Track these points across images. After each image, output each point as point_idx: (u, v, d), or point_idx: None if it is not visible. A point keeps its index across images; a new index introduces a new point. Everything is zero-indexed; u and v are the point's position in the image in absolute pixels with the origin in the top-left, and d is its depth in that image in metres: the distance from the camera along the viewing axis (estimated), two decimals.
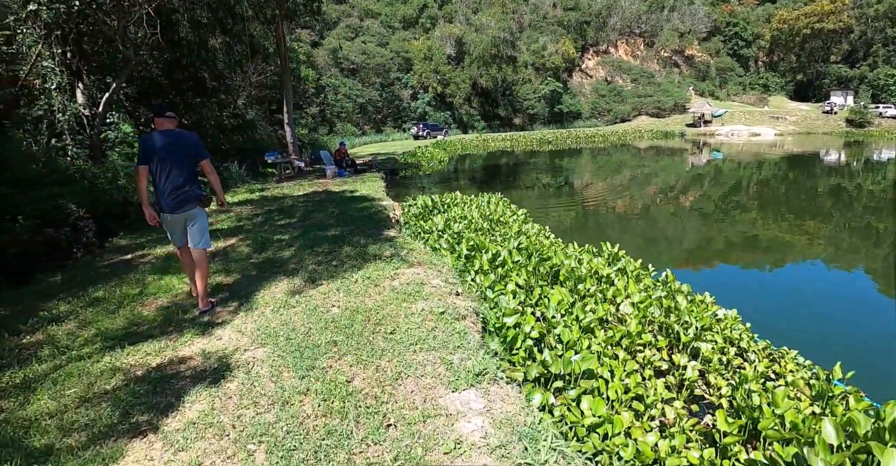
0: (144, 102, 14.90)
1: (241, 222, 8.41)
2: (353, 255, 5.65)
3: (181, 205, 4.21)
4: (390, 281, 4.69)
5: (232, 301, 4.60)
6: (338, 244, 6.20)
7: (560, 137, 41.18)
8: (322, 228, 7.34)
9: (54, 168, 9.24)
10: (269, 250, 6.30)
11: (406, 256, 5.54)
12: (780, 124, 54.02)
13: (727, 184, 19.05)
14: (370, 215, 8.03)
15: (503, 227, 8.23)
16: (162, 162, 4.11)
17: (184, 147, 4.23)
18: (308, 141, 24.98)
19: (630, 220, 12.78)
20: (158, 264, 6.26)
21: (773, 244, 10.69)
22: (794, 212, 13.59)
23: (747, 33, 72.94)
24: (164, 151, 4.10)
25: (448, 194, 10.67)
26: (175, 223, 4.32)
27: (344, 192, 11.14)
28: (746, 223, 12.42)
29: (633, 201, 15.32)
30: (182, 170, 4.19)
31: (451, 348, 3.43)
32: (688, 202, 15.33)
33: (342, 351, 3.41)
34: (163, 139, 4.13)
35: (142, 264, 6.46)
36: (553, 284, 5.79)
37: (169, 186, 4.15)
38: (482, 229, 8.01)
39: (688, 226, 12.28)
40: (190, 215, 4.31)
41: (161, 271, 5.83)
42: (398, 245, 6.01)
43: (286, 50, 17.19)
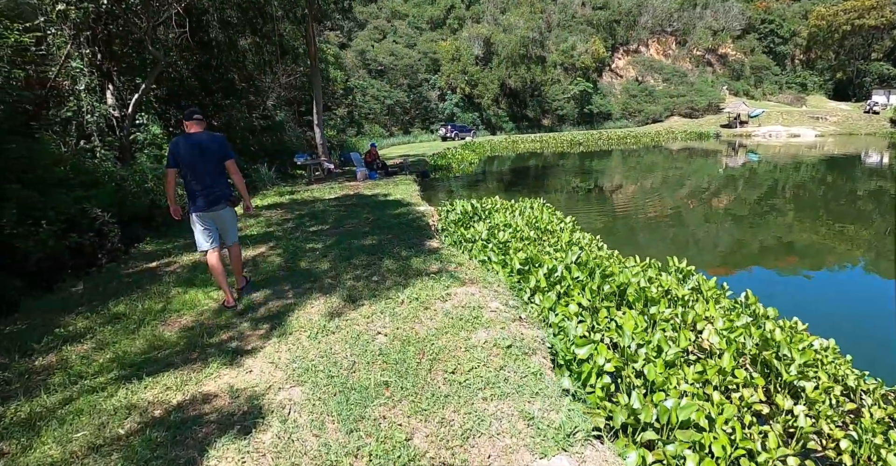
0: (174, 104, 14.69)
1: (271, 228, 7.95)
2: (394, 269, 5.07)
3: (211, 204, 4.33)
4: (442, 303, 4.09)
5: (262, 323, 4.07)
6: (376, 256, 5.64)
7: (591, 138, 40.09)
8: (357, 236, 6.81)
9: (81, 170, 8.95)
10: (301, 260, 5.78)
11: (455, 272, 4.94)
12: (821, 125, 51.75)
13: (765, 187, 17.86)
14: (408, 222, 7.46)
15: (552, 236, 7.57)
16: (191, 164, 4.21)
17: (212, 149, 4.31)
18: (337, 142, 24.67)
19: (668, 226, 11.92)
20: (184, 274, 5.81)
21: (825, 251, 9.75)
22: (850, 218, 12.48)
23: (784, 30, 70.28)
24: (194, 153, 4.20)
25: (487, 198, 10.05)
26: (205, 222, 4.39)
27: (376, 196, 10.62)
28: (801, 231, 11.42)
29: (666, 205, 14.42)
30: (211, 171, 4.30)
31: (528, 394, 2.81)
32: (723, 206, 14.29)
33: (396, 396, 2.82)
34: (191, 142, 4.23)
35: (167, 273, 6.02)
36: (619, 305, 5.12)
37: (199, 186, 4.26)
38: (529, 238, 7.37)
39: (729, 232, 11.33)
40: (219, 215, 4.43)
41: (186, 284, 5.36)
42: (444, 258, 5.42)
43: (316, 50, 16.84)
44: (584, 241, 7.35)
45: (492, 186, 18.41)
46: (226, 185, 4.47)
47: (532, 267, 5.56)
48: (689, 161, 27.61)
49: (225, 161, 4.40)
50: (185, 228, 9.07)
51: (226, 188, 4.45)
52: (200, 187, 4.26)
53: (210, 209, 4.34)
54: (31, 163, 7.50)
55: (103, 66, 12.07)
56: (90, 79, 10.63)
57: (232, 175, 4.52)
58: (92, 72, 11.58)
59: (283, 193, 12.69)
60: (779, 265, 9.12)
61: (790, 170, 22.48)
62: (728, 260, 9.42)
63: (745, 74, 68.50)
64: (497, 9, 58.28)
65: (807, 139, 44.28)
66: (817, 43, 68.05)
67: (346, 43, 47.98)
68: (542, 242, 7.31)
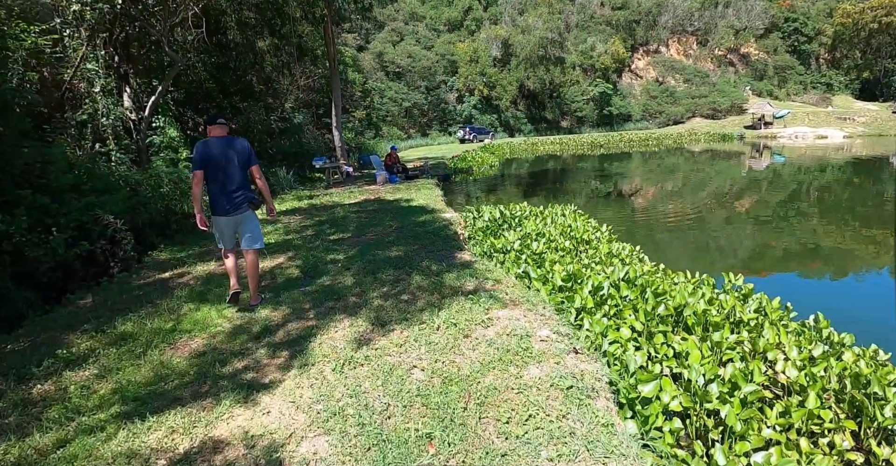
0: (192, 106, 14.47)
1: (290, 236, 7.56)
2: (425, 286, 4.61)
3: (235, 208, 4.34)
4: (483, 329, 3.61)
5: (281, 349, 3.63)
6: (404, 270, 5.19)
7: (612, 140, 39.29)
8: (381, 246, 6.36)
9: (94, 175, 8.67)
10: (322, 274, 5.34)
11: (493, 290, 4.46)
12: (848, 126, 50.16)
13: (802, 191, 17.04)
14: (434, 230, 6.99)
15: (588, 247, 7.05)
16: (216, 168, 4.23)
17: (237, 153, 4.33)
18: (355, 145, 24.38)
19: (699, 231, 11.28)
20: (197, 287, 5.42)
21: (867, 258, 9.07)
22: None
23: (808, 28, 68.49)
24: (219, 157, 4.23)
25: (514, 204, 9.55)
26: (227, 226, 4.41)
27: (399, 201, 10.19)
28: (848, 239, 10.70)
29: (693, 209, 13.75)
30: (235, 175, 4.31)
31: (601, 452, 2.32)
32: (752, 211, 13.55)
33: (442, 454, 2.35)
34: (217, 146, 4.26)
35: (179, 285, 5.64)
36: (675, 328, 4.59)
37: (223, 190, 4.28)
38: (565, 249, 6.85)
39: (759, 238, 10.64)
40: (242, 218, 4.44)
41: (199, 299, 4.96)
42: (478, 273, 4.94)
43: (335, 51, 16.51)
44: (625, 253, 6.81)
45: (515, 190, 17.91)
46: (249, 189, 4.50)
47: (575, 284, 5.05)
48: (712, 164, 26.81)
49: (250, 166, 4.44)
50: (200, 235, 8.73)
51: (249, 192, 4.48)
52: (225, 192, 4.28)
53: (233, 213, 4.35)
54: (43, 168, 7.21)
55: (120, 68, 11.86)
56: (106, 81, 10.39)
57: (257, 181, 4.55)
58: (108, 74, 11.39)
59: (301, 197, 12.34)
60: (813, 272, 8.54)
61: (817, 172, 21.54)
62: (765, 267, 8.82)
63: (769, 73, 66.90)
64: (515, 10, 57.66)
65: (834, 141, 42.92)
66: (843, 42, 66.32)
67: (364, 45, 47.85)
68: (579, 253, 6.79)
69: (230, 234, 4.46)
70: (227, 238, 4.47)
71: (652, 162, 28.03)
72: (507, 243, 6.81)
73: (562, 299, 4.82)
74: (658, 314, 4.52)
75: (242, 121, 14.87)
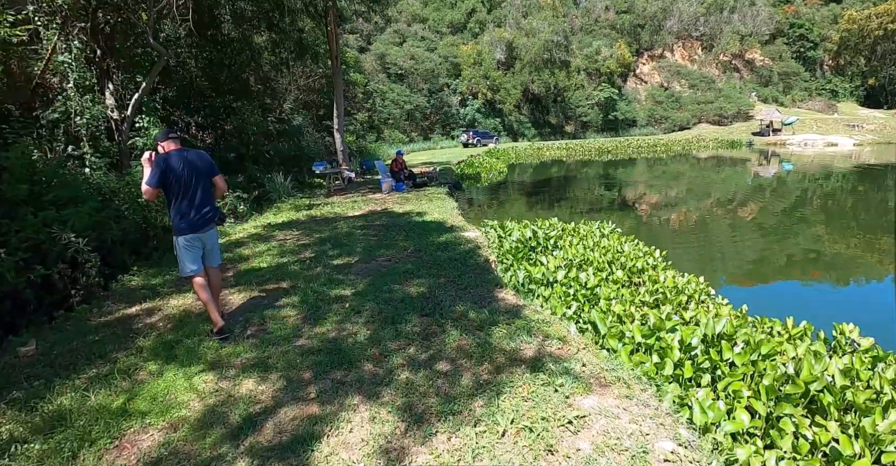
0: (181, 106, 13.28)
1: (285, 258, 6.38)
2: (468, 349, 3.42)
3: (205, 224, 4.16)
4: (571, 437, 2.42)
5: (271, 462, 2.45)
6: (433, 317, 4.01)
7: (620, 146, 38.21)
8: (397, 276, 5.18)
9: (63, 182, 7.49)
10: (326, 319, 4.16)
11: (561, 357, 3.28)
12: (857, 133, 49.32)
13: (819, 204, 15.93)
14: (460, 257, 5.80)
15: (645, 278, 5.89)
16: (184, 182, 3.98)
17: (202, 166, 4.11)
18: (356, 149, 23.22)
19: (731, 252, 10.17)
20: (166, 334, 4.24)
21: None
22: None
23: (814, 34, 67.86)
24: (186, 171, 3.97)
25: (544, 220, 8.40)
26: (195, 244, 4.13)
27: (410, 214, 9.00)
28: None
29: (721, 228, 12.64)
30: (204, 189, 4.14)
31: None
32: (767, 227, 12.46)
33: None
34: (181, 159, 3.99)
35: (146, 328, 4.46)
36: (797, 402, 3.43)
37: (191, 206, 4.05)
38: (617, 280, 5.70)
39: (785, 255, 9.57)
40: (209, 235, 4.25)
41: (165, 354, 3.78)
42: (533, 326, 3.77)
43: (338, 48, 15.36)
44: (692, 287, 5.64)
45: (530, 199, 16.78)
46: (215, 204, 4.31)
47: (655, 339, 3.89)
48: (717, 170, 25.97)
49: (214, 177, 4.22)
50: None
51: (215, 208, 4.29)
52: (193, 208, 4.04)
53: (200, 232, 4.11)
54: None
55: (103, 63, 10.69)
56: (81, 75, 9.20)
57: (218, 188, 4.33)
58: (89, 69, 10.24)
59: (299, 206, 11.17)
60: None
61: (832, 181, 20.43)
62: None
63: (774, 80, 66.18)
64: (519, 13, 56.69)
65: (844, 148, 42.01)
66: (848, 48, 65.85)
67: (366, 47, 46.76)
68: (636, 287, 5.64)
69: (197, 252, 4.15)
70: (193, 259, 4.12)
71: (661, 169, 27.00)
72: (548, 272, 5.64)
73: (641, 361, 3.67)
74: (782, 390, 3.35)
75: (237, 122, 13.68)
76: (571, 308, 5.01)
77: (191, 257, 4.09)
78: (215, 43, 13.72)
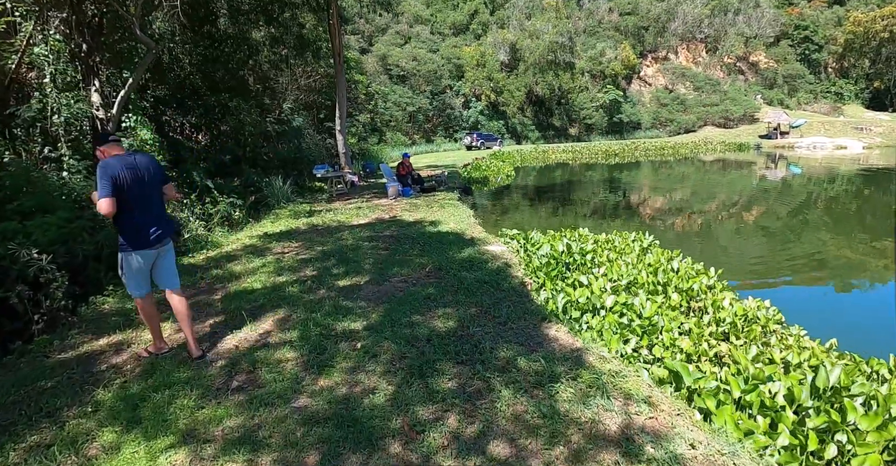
0: (173, 104, 12.42)
1: (282, 277, 5.49)
2: (530, 422, 2.53)
3: (161, 238, 3.66)
4: None
5: None
6: (474, 370, 3.11)
7: (626, 149, 37.33)
8: (418, 305, 4.30)
9: (36, 189, 6.65)
10: (333, 369, 3.26)
11: (654, 430, 2.41)
12: (866, 136, 48.56)
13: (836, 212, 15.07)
14: (490, 278, 4.90)
15: (706, 302, 5.00)
16: (136, 191, 3.44)
17: (152, 171, 3.59)
18: (358, 151, 22.36)
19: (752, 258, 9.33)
20: (132, 383, 3.36)
21: None
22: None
23: (818, 37, 67.26)
24: (136, 177, 3.44)
25: (572, 230, 7.53)
26: (147, 262, 3.62)
27: (422, 223, 8.11)
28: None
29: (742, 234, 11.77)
30: (157, 198, 3.67)
31: None
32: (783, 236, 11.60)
33: None
34: (129, 165, 3.43)
35: (110, 371, 3.60)
36: None
37: (146, 218, 3.54)
38: (674, 306, 4.82)
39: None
40: (165, 250, 3.75)
41: (127, 418, 2.90)
42: (604, 380, 2.89)
43: (341, 45, 14.51)
44: (762, 314, 4.77)
45: (544, 205, 15.91)
46: (168, 214, 3.94)
47: (758, 395, 3.02)
48: (722, 173, 25.26)
49: (164, 184, 3.78)
50: None
51: (170, 218, 3.88)
52: (148, 219, 3.57)
53: (155, 246, 3.63)
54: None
55: (89, 58, 9.86)
56: (58, 69, 8.35)
57: (168, 197, 3.88)
58: (74, 65, 9.45)
59: (299, 213, 10.31)
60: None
61: (844, 185, 19.56)
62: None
63: (778, 82, 65.49)
64: (522, 14, 55.94)
65: (853, 152, 41.23)
66: (852, 51, 65.28)
67: (367, 48, 45.97)
68: (698, 314, 4.76)
69: (147, 271, 3.68)
70: (146, 278, 3.69)
71: (675, 173, 26.18)
72: (594, 297, 4.75)
73: (749, 429, 2.79)
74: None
75: (233, 122, 12.82)
76: (629, 343, 4.14)
77: (138, 276, 3.64)
78: (211, 39, 12.89)
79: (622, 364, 3.28)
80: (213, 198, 9.40)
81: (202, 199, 9.37)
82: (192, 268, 6.28)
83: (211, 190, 9.93)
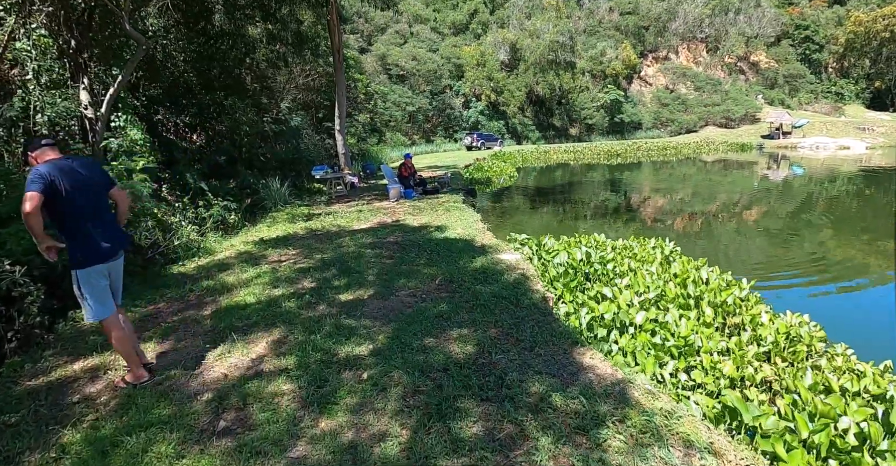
0: (166, 103, 11.96)
1: (278, 290, 5.04)
2: None
3: (116, 249, 3.33)
4: None
5: None
6: (503, 409, 2.66)
7: (629, 149, 36.93)
8: (429, 324, 3.85)
9: (8, 194, 6.18)
10: (336, 407, 2.81)
11: None
12: (868, 136, 48.26)
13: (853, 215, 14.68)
14: (507, 293, 4.45)
15: (743, 319, 4.57)
16: (80, 197, 3.09)
17: (99, 177, 3.32)
18: (357, 152, 21.91)
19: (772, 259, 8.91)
20: (105, 420, 2.92)
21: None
22: None
23: (819, 36, 67.05)
24: (82, 182, 3.13)
25: (587, 236, 7.09)
26: (103, 276, 3.24)
27: (427, 229, 7.66)
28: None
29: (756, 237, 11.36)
30: (105, 204, 3.36)
31: None
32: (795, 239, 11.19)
33: None
34: (74, 168, 3.14)
35: (82, 405, 3.15)
36: None
37: (97, 227, 3.20)
38: (708, 322, 4.39)
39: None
40: (118, 265, 3.42)
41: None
42: (659, 422, 2.45)
43: (340, 42, 14.06)
44: (804, 331, 4.34)
45: (551, 206, 15.48)
46: (117, 223, 3.49)
47: (828, 434, 2.60)
48: (723, 174, 24.91)
49: (111, 189, 3.40)
50: (152, 277, 6.25)
51: (120, 227, 3.49)
52: (99, 228, 3.21)
53: (111, 259, 3.30)
54: None
55: (78, 55, 9.42)
56: (41, 65, 7.90)
57: (120, 205, 3.52)
58: (61, 61, 9.02)
59: (297, 216, 9.87)
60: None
61: (850, 186, 19.15)
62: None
63: (779, 82, 65.23)
64: (522, 14, 55.54)
65: (856, 152, 40.88)
66: (853, 50, 65.13)
67: (366, 48, 45.50)
68: (735, 332, 4.34)
69: (106, 286, 3.29)
70: (105, 295, 3.28)
71: (679, 174, 25.77)
72: (624, 313, 4.32)
73: None
74: None
75: (229, 121, 12.36)
76: (666, 367, 3.71)
77: (102, 294, 3.25)
78: (206, 35, 12.42)
79: (670, 398, 2.84)
80: (208, 201, 8.96)
81: (195, 202, 8.93)
82: (182, 278, 5.82)
83: (205, 192, 9.49)
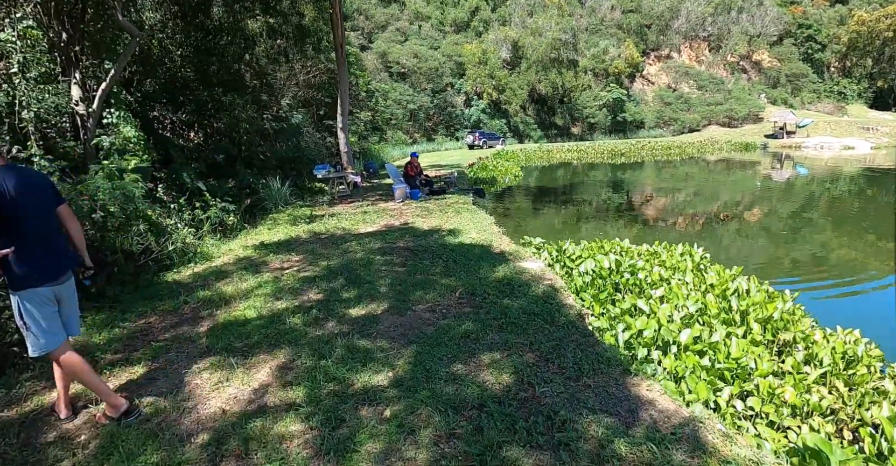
0: (162, 100, 11.50)
1: (281, 303, 4.59)
2: None
3: (63, 270, 2.85)
4: None
5: None
6: (557, 457, 2.22)
7: (633, 148, 36.50)
8: (454, 347, 3.40)
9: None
10: (355, 452, 2.34)
11: None
12: (873, 136, 47.88)
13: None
14: (538, 307, 4.00)
15: (794, 335, 4.14)
16: (28, 207, 2.66)
17: (45, 189, 2.83)
18: (359, 150, 21.45)
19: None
20: (83, 461, 2.47)
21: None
22: None
23: (822, 36, 66.72)
24: (26, 193, 2.66)
25: (610, 241, 6.65)
26: (51, 301, 2.78)
27: (439, 232, 7.20)
28: None
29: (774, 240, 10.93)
30: (52, 220, 2.87)
31: None
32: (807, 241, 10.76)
33: None
34: (15, 178, 2.62)
35: (59, 445, 2.71)
36: None
37: (42, 244, 2.74)
38: (754, 339, 3.96)
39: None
40: (68, 286, 2.92)
41: None
42: None
43: (343, 36, 13.60)
44: (861, 350, 3.91)
45: (561, 207, 15.05)
46: (66, 240, 2.98)
47: None
48: (726, 173, 24.55)
49: (59, 206, 2.89)
50: (147, 288, 5.77)
51: (69, 246, 2.98)
52: (44, 245, 2.74)
53: (59, 280, 2.80)
54: None
55: (69, 49, 8.98)
56: (27, 57, 7.43)
57: (68, 225, 2.97)
58: (52, 55, 8.58)
59: (299, 218, 9.41)
60: None
61: (854, 186, 18.72)
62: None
63: (782, 81, 64.88)
64: (524, 11, 55.06)
65: (861, 152, 40.50)
66: (855, 50, 64.89)
67: (367, 45, 45.00)
68: (779, 347, 3.91)
69: (55, 311, 2.81)
70: (55, 322, 2.80)
71: (682, 173, 25.37)
72: (665, 330, 3.88)
73: None
74: None
75: (227, 118, 11.89)
76: (721, 393, 3.27)
77: (50, 320, 2.77)
78: (204, 29, 11.96)
79: (747, 442, 2.40)
80: (205, 201, 8.50)
81: (192, 203, 8.46)
82: (176, 287, 5.37)
83: (202, 193, 9.01)
